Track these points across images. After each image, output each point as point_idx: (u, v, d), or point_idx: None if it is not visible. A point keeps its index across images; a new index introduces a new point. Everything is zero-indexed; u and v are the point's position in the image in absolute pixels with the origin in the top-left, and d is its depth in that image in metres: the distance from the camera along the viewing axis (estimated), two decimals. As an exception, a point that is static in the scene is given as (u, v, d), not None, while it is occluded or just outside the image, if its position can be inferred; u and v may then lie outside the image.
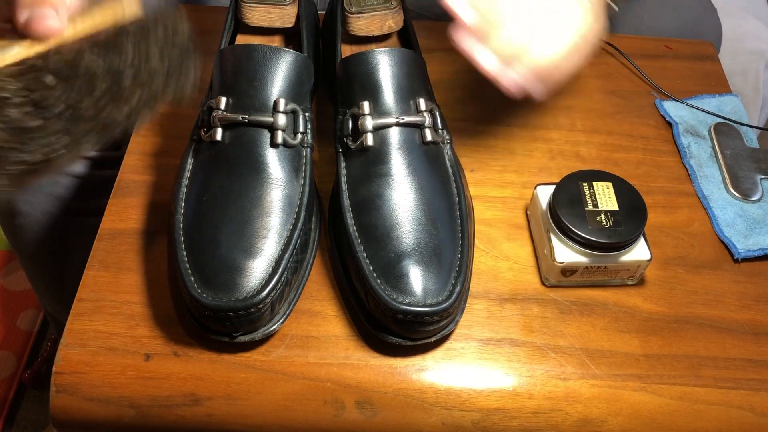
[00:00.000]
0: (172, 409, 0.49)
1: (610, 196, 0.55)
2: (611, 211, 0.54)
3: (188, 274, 0.48)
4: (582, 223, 0.53)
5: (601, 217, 0.53)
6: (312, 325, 0.52)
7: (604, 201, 0.54)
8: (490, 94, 0.69)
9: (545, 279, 0.56)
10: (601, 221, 0.53)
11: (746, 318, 0.55)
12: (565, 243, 0.54)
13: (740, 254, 0.58)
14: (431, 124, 0.55)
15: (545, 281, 0.56)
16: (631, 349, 0.52)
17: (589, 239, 0.53)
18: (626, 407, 0.50)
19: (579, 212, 0.54)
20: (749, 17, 0.78)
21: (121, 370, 0.49)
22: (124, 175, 0.60)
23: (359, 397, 0.50)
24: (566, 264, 0.54)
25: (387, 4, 0.62)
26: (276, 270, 0.48)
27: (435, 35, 0.74)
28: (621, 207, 0.54)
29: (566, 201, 0.54)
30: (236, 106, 0.54)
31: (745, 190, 0.63)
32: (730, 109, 0.70)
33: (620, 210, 0.54)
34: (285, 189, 0.52)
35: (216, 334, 0.49)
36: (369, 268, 0.49)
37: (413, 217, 0.51)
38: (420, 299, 0.48)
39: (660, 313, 0.55)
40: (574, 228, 0.53)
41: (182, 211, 0.52)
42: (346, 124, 0.55)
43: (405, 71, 0.55)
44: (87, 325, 0.51)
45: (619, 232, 0.53)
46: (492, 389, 0.50)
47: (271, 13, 0.62)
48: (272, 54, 0.54)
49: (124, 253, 0.55)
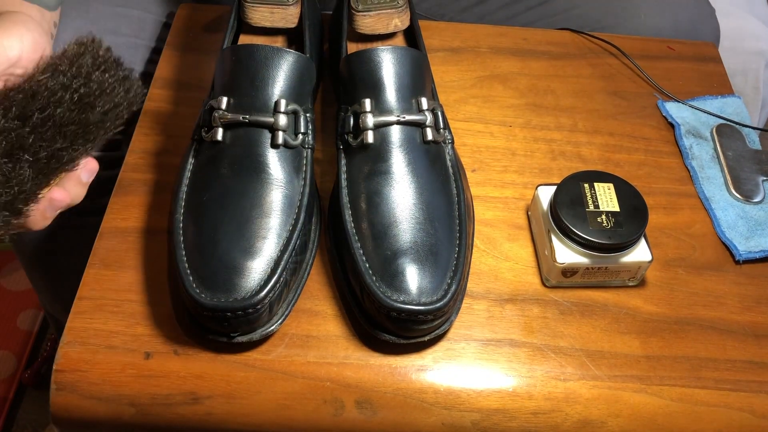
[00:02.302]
0: (172, 407, 0.49)
1: (612, 197, 0.55)
2: (612, 212, 0.54)
3: (187, 274, 0.48)
4: (583, 224, 0.53)
5: (602, 218, 0.53)
6: (312, 324, 0.52)
7: (605, 202, 0.54)
8: (493, 95, 0.69)
9: (546, 279, 0.56)
10: (602, 222, 0.53)
11: (747, 320, 0.55)
12: (565, 244, 0.54)
13: (741, 256, 0.58)
14: (432, 123, 0.55)
15: (546, 282, 0.56)
16: (631, 350, 0.52)
17: (590, 240, 0.52)
18: (626, 408, 0.50)
19: (580, 213, 0.54)
20: (749, 17, 0.78)
21: (121, 369, 0.49)
22: (125, 174, 0.60)
23: (359, 397, 0.49)
24: (567, 265, 0.54)
25: (393, 3, 0.62)
26: (275, 271, 0.48)
27: (439, 35, 0.74)
28: (622, 208, 0.54)
29: (567, 201, 0.54)
30: (237, 106, 0.54)
31: (746, 191, 0.63)
32: (732, 111, 0.70)
33: (621, 211, 0.54)
34: (285, 190, 0.52)
35: (214, 334, 0.49)
36: (365, 265, 0.49)
37: (411, 215, 0.51)
38: (414, 297, 0.48)
39: (661, 314, 0.55)
40: (575, 229, 0.53)
41: (182, 210, 0.52)
42: (347, 121, 0.55)
43: (408, 70, 0.55)
44: (87, 323, 0.51)
45: (619, 233, 0.53)
46: (492, 390, 0.50)
47: (274, 13, 0.62)
48: (274, 54, 0.54)
49: (125, 251, 0.55)
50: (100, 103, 0.50)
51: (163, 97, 0.66)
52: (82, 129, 0.49)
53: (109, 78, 0.51)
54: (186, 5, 0.76)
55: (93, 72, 0.51)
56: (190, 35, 0.72)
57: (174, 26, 0.73)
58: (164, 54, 0.70)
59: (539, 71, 0.71)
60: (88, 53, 0.51)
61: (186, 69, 0.69)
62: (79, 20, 0.72)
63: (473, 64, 0.72)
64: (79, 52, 0.52)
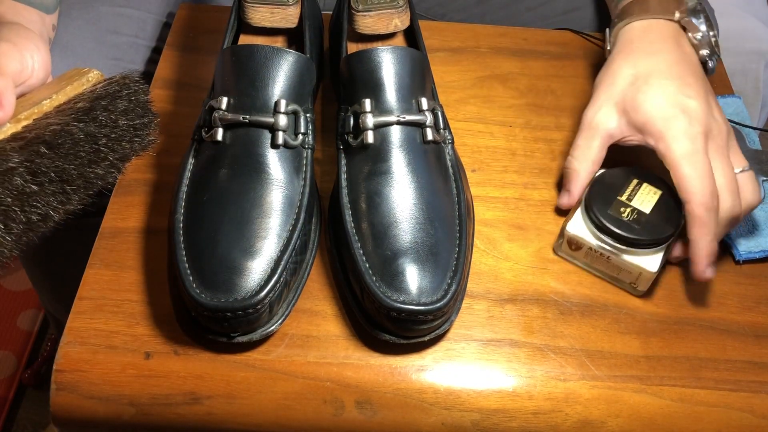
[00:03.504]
0: (171, 407, 0.49)
1: (650, 201, 0.55)
2: (640, 211, 0.54)
3: (187, 274, 0.48)
4: (604, 206, 0.54)
5: (627, 211, 0.54)
6: (312, 324, 0.52)
7: (641, 200, 0.55)
8: (493, 95, 0.69)
9: (556, 248, 0.57)
10: (624, 213, 0.54)
11: (747, 320, 0.55)
12: (584, 217, 0.55)
13: (741, 256, 0.58)
14: (432, 124, 0.55)
15: (556, 249, 0.57)
16: (631, 350, 0.52)
17: (601, 222, 0.53)
18: (626, 409, 0.50)
19: (610, 198, 0.55)
20: (749, 17, 0.78)
21: (121, 369, 0.49)
22: (125, 174, 0.60)
23: (359, 397, 0.50)
24: (572, 235, 0.55)
25: (393, 3, 0.62)
26: (275, 271, 0.48)
27: (439, 35, 0.74)
28: (653, 214, 0.54)
29: (608, 184, 0.56)
30: (237, 106, 0.54)
31: (746, 192, 0.63)
32: (733, 111, 0.69)
33: (650, 215, 0.54)
34: (285, 190, 0.52)
35: (214, 334, 0.49)
36: (365, 265, 0.49)
37: (411, 215, 0.51)
38: (414, 298, 0.48)
39: (660, 314, 0.55)
40: (594, 206, 0.54)
41: (182, 210, 0.52)
42: (347, 121, 0.55)
43: (408, 70, 0.55)
44: (87, 323, 0.51)
45: (632, 230, 0.53)
46: (492, 390, 0.50)
47: (274, 13, 0.62)
48: (274, 54, 0.54)
49: (125, 251, 0.55)
50: (111, 156, 0.52)
51: (163, 97, 0.66)
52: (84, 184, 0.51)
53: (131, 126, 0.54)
54: (186, 5, 0.76)
55: (120, 119, 0.53)
56: (190, 35, 0.73)
57: (174, 26, 0.73)
58: (164, 54, 0.70)
59: (539, 71, 0.71)
60: (124, 97, 0.54)
61: (186, 69, 0.69)
62: (80, 20, 0.72)
63: (473, 64, 0.72)
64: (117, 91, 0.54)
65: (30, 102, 0.52)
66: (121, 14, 0.75)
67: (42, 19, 0.61)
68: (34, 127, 0.50)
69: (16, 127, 0.50)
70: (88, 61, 0.71)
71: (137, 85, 0.56)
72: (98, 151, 0.51)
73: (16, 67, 0.52)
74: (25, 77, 0.54)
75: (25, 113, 0.50)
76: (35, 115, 0.51)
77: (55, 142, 0.49)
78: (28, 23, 0.59)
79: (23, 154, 0.47)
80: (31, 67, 0.54)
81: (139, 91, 0.55)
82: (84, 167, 0.51)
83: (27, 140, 0.48)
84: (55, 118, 0.50)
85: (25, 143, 0.48)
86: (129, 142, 0.54)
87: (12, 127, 0.49)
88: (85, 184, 0.51)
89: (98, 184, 0.52)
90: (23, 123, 0.50)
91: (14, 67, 0.52)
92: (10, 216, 0.46)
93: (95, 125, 0.51)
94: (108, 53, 0.72)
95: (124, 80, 0.55)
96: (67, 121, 0.50)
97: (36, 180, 0.47)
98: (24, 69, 0.53)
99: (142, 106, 0.55)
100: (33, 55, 0.54)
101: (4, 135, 0.49)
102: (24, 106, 0.51)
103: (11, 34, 0.54)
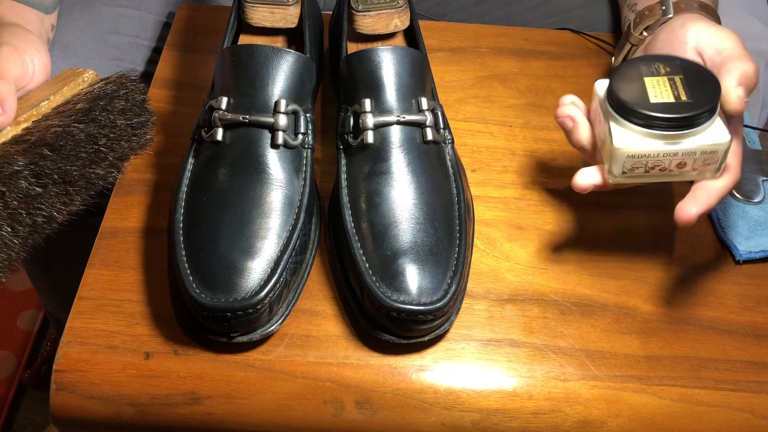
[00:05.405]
0: (171, 407, 0.49)
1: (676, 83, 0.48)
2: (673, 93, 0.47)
3: (187, 274, 0.48)
4: (642, 98, 0.46)
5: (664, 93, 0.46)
6: (312, 324, 0.52)
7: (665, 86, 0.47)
8: (493, 95, 0.69)
9: (609, 173, 0.49)
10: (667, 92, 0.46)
11: (747, 320, 0.55)
12: (625, 126, 0.47)
13: (741, 256, 0.58)
14: (432, 123, 0.55)
15: (608, 175, 0.49)
16: (631, 350, 0.52)
17: (653, 115, 0.45)
18: (626, 409, 0.50)
19: (639, 86, 0.47)
20: (749, 17, 0.78)
21: (121, 369, 0.49)
22: (125, 174, 0.60)
23: (359, 397, 0.50)
24: (626, 149, 0.46)
25: (393, 3, 0.63)
26: (275, 271, 0.48)
27: (439, 35, 0.74)
28: (687, 89, 0.47)
29: (626, 79, 0.48)
30: (237, 106, 0.54)
31: (747, 191, 0.63)
32: (732, 111, 0.69)
33: (686, 78, 0.47)
34: (285, 190, 0.52)
35: (214, 334, 0.49)
36: (365, 265, 0.49)
37: (411, 215, 0.51)
38: (414, 298, 0.48)
39: (660, 314, 0.55)
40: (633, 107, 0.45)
41: (182, 210, 0.52)
42: (347, 121, 0.55)
43: (408, 70, 0.55)
44: (87, 323, 0.51)
45: (685, 107, 0.45)
46: (492, 390, 0.50)
47: (274, 13, 0.62)
48: (274, 54, 0.54)
49: (125, 251, 0.55)
50: (110, 155, 0.53)
51: (162, 97, 0.66)
52: (85, 185, 0.51)
53: (128, 126, 0.54)
54: (186, 5, 0.76)
55: (118, 119, 0.53)
56: (190, 35, 0.73)
57: (174, 26, 0.73)
58: (164, 54, 0.70)
59: (539, 71, 0.71)
60: (122, 96, 0.54)
61: (186, 69, 0.69)
62: (81, 20, 0.72)
63: (473, 64, 0.72)
64: (115, 91, 0.54)
65: (28, 104, 0.52)
66: (122, 14, 0.75)
67: (41, 19, 0.61)
68: (35, 130, 0.50)
69: (16, 130, 0.50)
70: (89, 62, 0.71)
71: (134, 84, 0.56)
72: (98, 151, 0.52)
73: (17, 72, 0.52)
74: (26, 81, 0.54)
75: (24, 115, 0.51)
76: (34, 117, 0.51)
77: (57, 144, 0.49)
78: (26, 24, 0.59)
79: (27, 156, 0.47)
80: (32, 71, 0.54)
81: (136, 90, 0.56)
82: (85, 168, 0.51)
83: (30, 143, 0.48)
84: (56, 120, 0.50)
85: (28, 146, 0.48)
86: (127, 142, 0.55)
87: (12, 129, 0.50)
88: (87, 184, 0.51)
89: (99, 184, 0.53)
90: (23, 125, 0.50)
91: (16, 71, 0.52)
92: (17, 219, 0.47)
93: (95, 126, 0.52)
94: (109, 53, 0.72)
95: (120, 80, 0.55)
96: (67, 122, 0.50)
97: (40, 182, 0.48)
98: (25, 73, 0.53)
99: (139, 105, 0.56)
100: (34, 59, 0.54)
101: (5, 138, 0.49)
102: (23, 108, 0.52)
103: (12, 37, 0.54)
